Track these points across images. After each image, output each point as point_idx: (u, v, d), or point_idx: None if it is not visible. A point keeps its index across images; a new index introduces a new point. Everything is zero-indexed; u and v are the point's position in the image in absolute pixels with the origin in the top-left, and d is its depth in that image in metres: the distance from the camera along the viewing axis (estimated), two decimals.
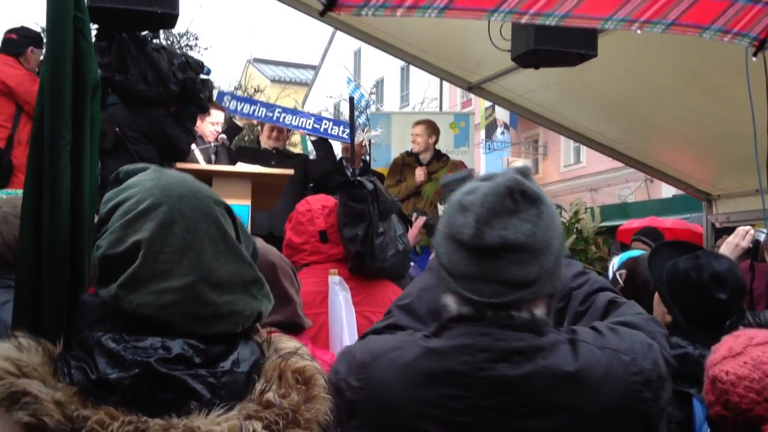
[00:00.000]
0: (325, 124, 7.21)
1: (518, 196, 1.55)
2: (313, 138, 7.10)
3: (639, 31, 3.33)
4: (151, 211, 1.24)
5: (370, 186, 2.85)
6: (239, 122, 7.03)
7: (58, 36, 1.44)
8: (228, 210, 1.33)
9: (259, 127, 7.17)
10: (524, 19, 3.14)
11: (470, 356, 1.54)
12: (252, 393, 1.21)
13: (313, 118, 7.39)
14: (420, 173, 6.90)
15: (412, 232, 5.01)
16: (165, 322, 1.20)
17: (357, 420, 1.59)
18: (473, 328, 1.57)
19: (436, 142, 7.24)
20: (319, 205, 2.96)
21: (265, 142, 6.68)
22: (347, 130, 7.40)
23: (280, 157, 6.43)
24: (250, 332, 1.31)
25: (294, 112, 7.37)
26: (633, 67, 5.21)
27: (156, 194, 1.26)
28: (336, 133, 7.14)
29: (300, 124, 7.16)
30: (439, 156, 7.19)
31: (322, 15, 2.87)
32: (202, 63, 4.68)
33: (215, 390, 1.18)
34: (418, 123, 7.36)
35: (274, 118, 7.27)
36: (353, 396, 1.60)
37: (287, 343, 1.34)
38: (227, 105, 6.89)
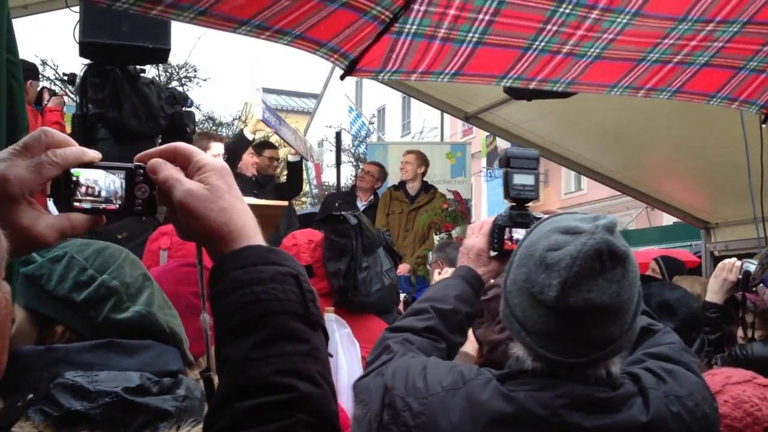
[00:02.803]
0: (266, 113, 7.16)
1: (606, 257, 1.48)
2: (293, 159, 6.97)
3: (646, 98, 3.36)
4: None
5: (353, 221, 2.83)
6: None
7: None
8: None
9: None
10: (532, 85, 3.17)
11: (547, 402, 1.51)
12: None
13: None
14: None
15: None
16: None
17: None
18: (549, 381, 1.54)
19: (424, 173, 7.39)
20: (305, 239, 2.94)
21: (264, 170, 6.60)
22: (273, 117, 7.30)
23: (257, 185, 6.40)
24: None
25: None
26: (628, 96, 5.21)
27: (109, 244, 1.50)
28: (271, 122, 7.01)
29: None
30: (426, 188, 7.31)
31: (342, 79, 3.06)
32: (187, 95, 4.72)
33: (180, 412, 1.29)
34: (409, 152, 7.57)
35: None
36: (411, 420, 1.58)
37: None
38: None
